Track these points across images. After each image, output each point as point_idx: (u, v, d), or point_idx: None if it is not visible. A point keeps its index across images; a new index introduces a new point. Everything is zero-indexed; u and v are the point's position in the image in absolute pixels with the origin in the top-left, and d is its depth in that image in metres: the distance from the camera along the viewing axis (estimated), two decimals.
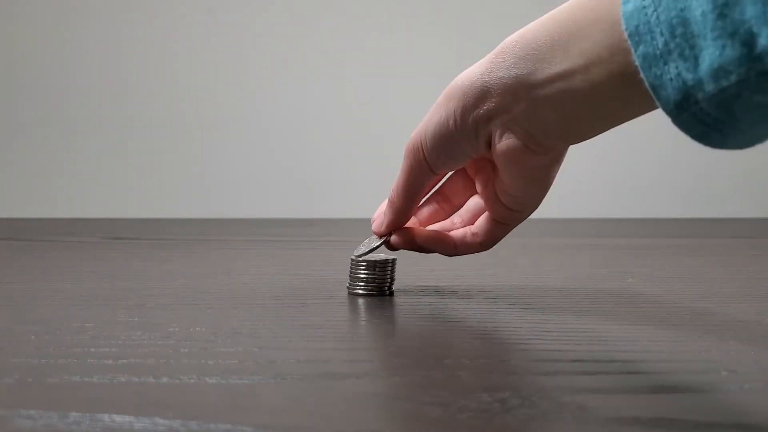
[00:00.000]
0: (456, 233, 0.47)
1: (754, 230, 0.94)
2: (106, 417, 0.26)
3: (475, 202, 0.48)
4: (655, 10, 0.31)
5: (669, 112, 0.32)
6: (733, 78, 0.29)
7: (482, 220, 0.46)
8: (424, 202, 0.49)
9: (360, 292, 0.47)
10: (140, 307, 0.44)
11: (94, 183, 1.12)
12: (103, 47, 1.11)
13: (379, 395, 0.29)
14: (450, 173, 0.47)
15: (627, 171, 1.13)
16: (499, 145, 0.41)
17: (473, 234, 0.46)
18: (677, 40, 0.30)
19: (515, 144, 0.40)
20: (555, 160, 0.42)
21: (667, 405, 0.28)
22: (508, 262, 0.65)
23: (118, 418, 0.26)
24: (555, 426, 0.26)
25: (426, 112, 0.43)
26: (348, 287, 0.48)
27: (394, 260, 0.48)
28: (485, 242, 0.46)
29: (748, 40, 0.28)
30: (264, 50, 1.12)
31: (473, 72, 0.40)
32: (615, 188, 1.13)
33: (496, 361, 0.34)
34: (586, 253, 0.72)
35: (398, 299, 0.47)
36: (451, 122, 0.41)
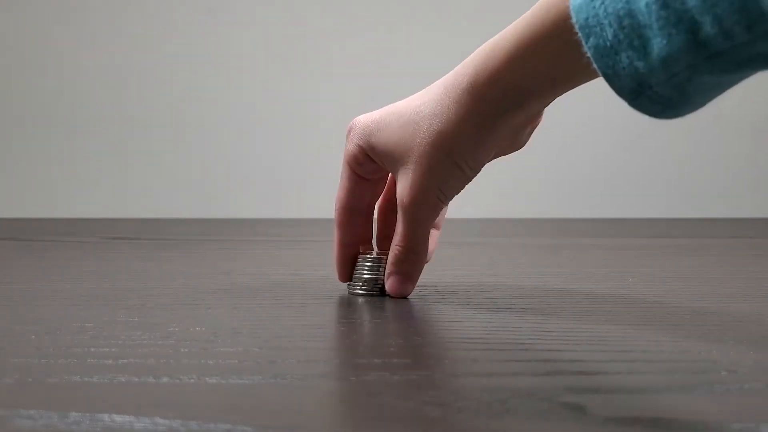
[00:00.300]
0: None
1: (754, 230, 0.94)
2: (106, 417, 0.26)
3: None
4: (603, 2, 0.32)
5: (624, 98, 0.33)
6: (683, 64, 0.31)
7: None
8: None
9: (360, 292, 0.47)
10: (140, 307, 0.44)
11: (94, 183, 1.12)
12: (103, 47, 1.12)
13: (379, 395, 0.29)
14: None
15: (627, 171, 1.13)
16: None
17: None
18: (626, 30, 0.31)
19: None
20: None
21: (667, 405, 0.28)
22: (508, 262, 0.65)
23: (118, 418, 0.26)
24: (555, 426, 0.26)
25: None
26: (348, 287, 0.48)
27: None
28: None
29: (692, 28, 0.30)
30: (264, 50, 1.12)
31: (456, 126, 0.41)
32: (615, 188, 1.13)
33: (496, 361, 0.34)
34: (586, 253, 0.72)
35: (398, 299, 0.47)
36: (468, 173, 0.43)
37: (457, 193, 0.44)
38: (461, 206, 0.53)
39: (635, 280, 0.55)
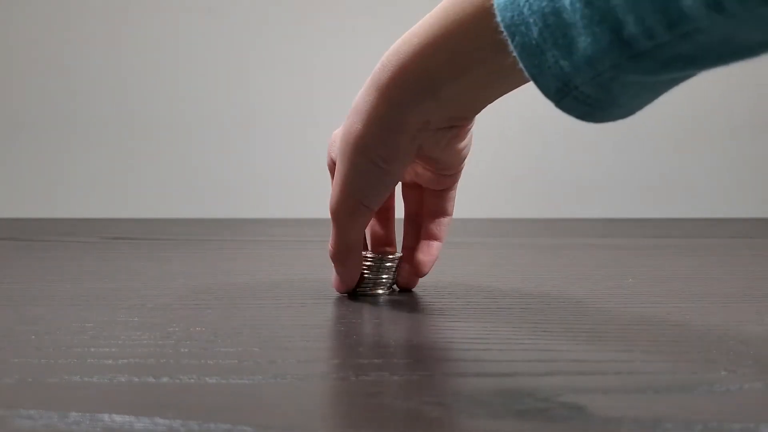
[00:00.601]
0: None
1: (754, 230, 0.94)
2: (106, 417, 0.26)
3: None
4: (527, 0, 0.31)
5: (551, 98, 0.33)
6: (607, 63, 0.31)
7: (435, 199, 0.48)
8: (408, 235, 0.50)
9: (361, 290, 0.47)
10: (140, 307, 0.44)
11: (94, 183, 1.12)
12: (103, 47, 1.12)
13: (379, 395, 0.29)
14: None
15: (627, 171, 1.14)
16: (432, 153, 0.42)
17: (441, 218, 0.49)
18: (551, 29, 0.31)
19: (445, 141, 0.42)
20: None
21: (667, 405, 0.28)
22: (508, 262, 0.65)
23: (118, 418, 0.26)
24: (555, 426, 0.26)
25: None
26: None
27: (393, 258, 0.48)
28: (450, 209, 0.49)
29: (616, 27, 0.29)
30: (264, 50, 1.12)
31: (369, 120, 0.40)
32: (615, 188, 1.13)
33: (496, 361, 0.34)
34: (586, 253, 0.72)
35: (398, 299, 0.47)
36: (383, 166, 0.41)
37: (380, 195, 0.43)
38: (462, 206, 0.53)
39: (635, 280, 0.55)
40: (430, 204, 0.48)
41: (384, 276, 0.48)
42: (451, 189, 0.48)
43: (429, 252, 0.48)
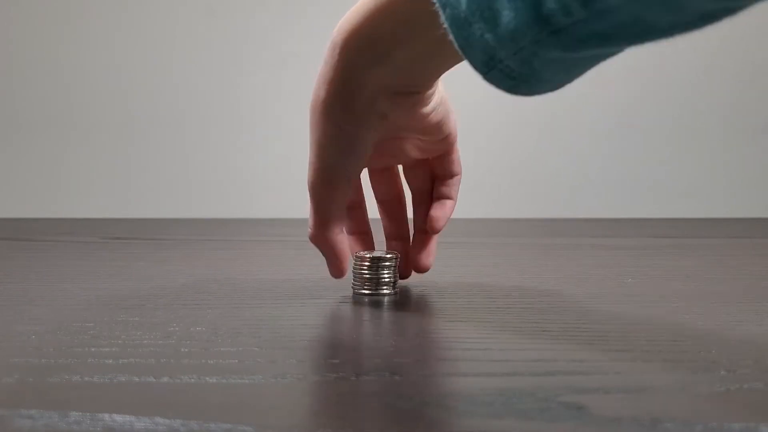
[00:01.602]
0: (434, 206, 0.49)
1: (754, 230, 0.94)
2: (106, 416, 0.26)
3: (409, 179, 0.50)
4: None
5: (479, 70, 0.34)
6: (528, 38, 0.31)
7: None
8: (388, 221, 0.50)
9: (363, 291, 0.47)
10: (140, 307, 0.44)
11: (94, 183, 1.12)
12: (104, 47, 1.12)
13: (379, 395, 0.29)
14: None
15: (627, 171, 1.13)
16: (394, 118, 0.42)
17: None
18: (478, 1, 0.32)
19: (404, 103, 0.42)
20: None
21: (667, 405, 0.28)
22: (508, 262, 0.65)
23: (118, 417, 0.26)
24: (555, 426, 0.26)
25: None
26: (352, 286, 0.48)
27: (391, 257, 0.48)
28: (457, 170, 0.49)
29: (536, 3, 0.30)
30: (264, 50, 1.12)
31: (329, 84, 0.41)
32: (615, 188, 1.13)
33: (496, 361, 0.34)
34: (586, 253, 0.72)
35: (398, 299, 0.47)
36: (349, 129, 0.42)
37: (354, 163, 0.43)
38: (462, 206, 0.53)
39: (635, 280, 0.55)
40: (436, 172, 0.49)
41: (386, 274, 0.47)
42: (450, 153, 0.48)
43: (442, 208, 0.48)
